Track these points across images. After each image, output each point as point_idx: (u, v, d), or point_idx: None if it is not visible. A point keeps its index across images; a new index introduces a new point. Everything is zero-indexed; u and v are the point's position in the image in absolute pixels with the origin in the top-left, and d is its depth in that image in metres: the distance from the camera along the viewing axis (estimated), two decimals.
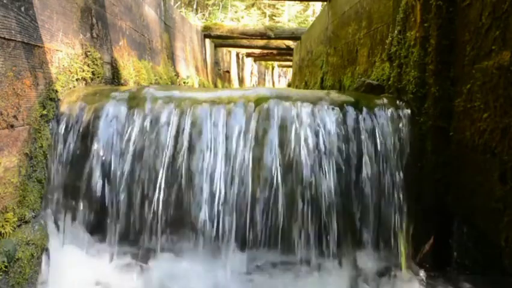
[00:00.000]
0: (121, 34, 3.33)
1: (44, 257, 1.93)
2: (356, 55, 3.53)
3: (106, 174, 2.06)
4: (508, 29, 1.59)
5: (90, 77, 2.54)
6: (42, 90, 2.02)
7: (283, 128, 2.10)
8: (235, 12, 21.86)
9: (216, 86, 10.67)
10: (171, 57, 5.47)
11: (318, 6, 15.47)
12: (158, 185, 2.04)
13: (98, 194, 2.05)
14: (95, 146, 2.08)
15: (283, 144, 2.07)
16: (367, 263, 2.05)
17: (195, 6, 18.43)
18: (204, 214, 2.02)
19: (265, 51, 13.16)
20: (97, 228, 2.07)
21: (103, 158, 2.07)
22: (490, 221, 1.70)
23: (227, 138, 2.10)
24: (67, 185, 2.07)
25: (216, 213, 2.02)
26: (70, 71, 2.32)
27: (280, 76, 28.18)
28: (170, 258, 2.05)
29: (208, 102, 2.19)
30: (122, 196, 2.04)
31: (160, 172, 2.05)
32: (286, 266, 2.04)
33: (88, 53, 2.56)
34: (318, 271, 2.02)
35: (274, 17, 23.67)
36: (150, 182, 2.05)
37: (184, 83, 6.18)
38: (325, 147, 2.06)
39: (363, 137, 2.09)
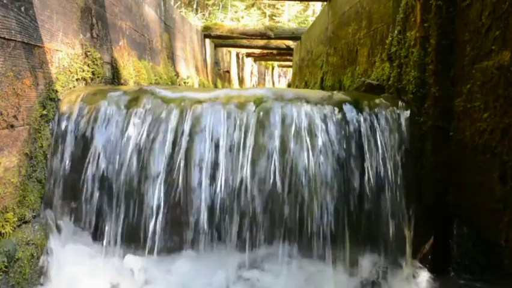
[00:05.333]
0: (121, 34, 3.33)
1: (44, 257, 1.93)
2: (356, 55, 3.53)
3: (106, 174, 2.06)
4: (508, 29, 1.59)
5: (90, 77, 2.54)
6: (42, 90, 2.02)
7: (283, 129, 2.10)
8: (235, 12, 21.85)
9: (216, 86, 10.66)
10: (171, 57, 5.47)
11: (318, 6, 15.46)
12: (158, 185, 2.04)
13: (98, 193, 2.05)
14: (95, 146, 2.08)
15: (283, 144, 2.07)
16: (367, 262, 2.05)
17: (195, 6, 18.42)
18: (203, 214, 2.02)
19: (265, 51, 13.16)
20: (97, 228, 2.07)
21: (103, 158, 2.07)
22: (490, 221, 1.70)
23: (227, 138, 2.10)
24: (67, 184, 2.07)
25: (216, 213, 2.02)
26: (70, 71, 2.32)
27: (280, 76, 28.18)
28: (171, 258, 2.05)
29: (208, 102, 2.19)
30: (122, 196, 2.04)
31: (160, 172, 2.05)
32: (286, 265, 2.04)
33: (88, 53, 2.56)
34: (318, 270, 2.02)
35: (274, 17, 23.66)
36: (150, 181, 2.05)
37: (184, 83, 6.18)
38: (325, 147, 2.06)
39: (363, 136, 2.09)
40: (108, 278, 1.98)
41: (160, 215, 2.03)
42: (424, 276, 2.01)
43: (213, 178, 2.05)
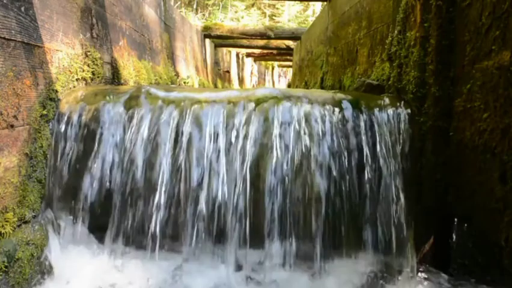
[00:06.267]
0: (121, 34, 3.33)
1: (44, 257, 1.93)
2: (356, 55, 3.53)
3: (106, 174, 2.06)
4: (508, 29, 1.59)
5: (90, 77, 2.54)
6: (42, 90, 2.02)
7: (283, 128, 2.10)
8: (235, 12, 21.86)
9: (216, 86, 10.67)
10: (171, 57, 5.47)
11: (318, 6, 15.47)
12: (158, 185, 2.04)
13: (98, 193, 2.05)
14: (95, 146, 2.08)
15: (283, 144, 2.07)
16: (367, 263, 2.05)
17: (194, 6, 18.43)
18: (204, 213, 2.02)
19: (265, 51, 13.16)
20: (97, 228, 2.07)
21: (103, 158, 2.07)
22: (490, 221, 1.70)
23: (227, 138, 2.10)
24: (67, 184, 2.07)
25: (216, 212, 2.02)
26: (70, 71, 2.32)
27: (280, 76, 28.18)
28: (171, 257, 2.05)
29: (208, 102, 2.19)
30: (122, 195, 2.04)
31: (160, 172, 2.05)
32: (286, 265, 2.04)
33: (88, 53, 2.56)
34: (318, 270, 2.02)
35: (274, 17, 23.66)
36: (150, 181, 2.05)
37: (184, 83, 6.18)
38: (325, 147, 2.06)
39: (363, 137, 2.09)
40: (108, 277, 1.98)
41: (161, 215, 2.03)
42: (424, 276, 2.01)
43: (213, 178, 2.05)
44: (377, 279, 2.02)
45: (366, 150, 2.08)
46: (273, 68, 25.39)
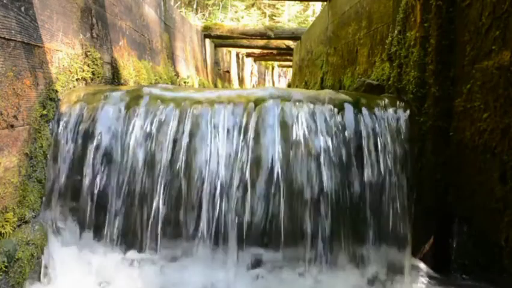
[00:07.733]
0: (121, 34, 3.33)
1: (44, 257, 1.93)
2: (356, 55, 3.53)
3: (106, 174, 2.06)
4: (508, 29, 1.59)
5: (90, 77, 2.54)
6: (42, 90, 2.02)
7: (282, 128, 2.10)
8: (235, 12, 21.87)
9: (216, 86, 10.67)
10: (171, 57, 5.47)
11: (318, 6, 15.47)
12: (158, 185, 2.04)
13: (98, 194, 2.05)
14: (95, 146, 2.08)
15: (282, 144, 2.07)
16: (367, 263, 2.05)
17: (194, 6, 18.44)
18: (204, 214, 2.02)
19: (265, 51, 13.16)
20: (97, 228, 2.06)
21: (103, 158, 2.07)
22: (490, 221, 1.70)
23: (227, 138, 2.10)
24: (67, 184, 2.07)
25: (216, 213, 2.02)
26: (70, 71, 2.32)
27: (280, 76, 28.17)
28: (171, 258, 2.05)
29: (208, 102, 2.19)
30: (122, 196, 2.04)
31: (160, 172, 2.05)
32: (285, 265, 2.04)
33: (88, 53, 2.56)
34: (318, 270, 2.02)
35: (274, 17, 23.66)
36: (150, 182, 2.05)
37: (184, 83, 6.18)
38: (325, 147, 2.06)
39: (363, 137, 2.09)
40: (108, 277, 1.98)
41: (161, 214, 2.03)
42: (424, 276, 2.01)
43: (213, 177, 2.05)
44: (377, 279, 2.02)
45: (366, 150, 2.08)
46: (273, 68, 25.39)
